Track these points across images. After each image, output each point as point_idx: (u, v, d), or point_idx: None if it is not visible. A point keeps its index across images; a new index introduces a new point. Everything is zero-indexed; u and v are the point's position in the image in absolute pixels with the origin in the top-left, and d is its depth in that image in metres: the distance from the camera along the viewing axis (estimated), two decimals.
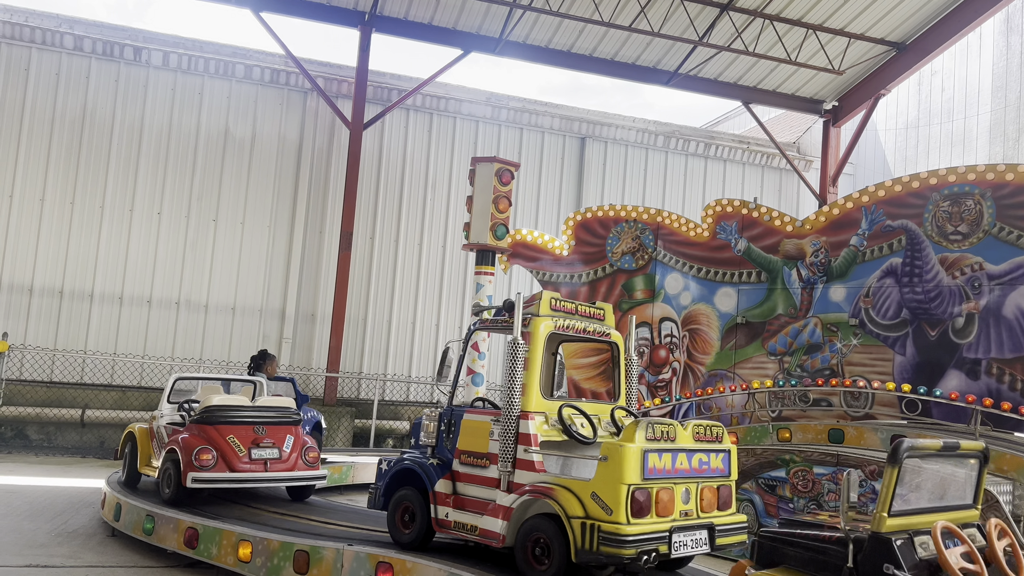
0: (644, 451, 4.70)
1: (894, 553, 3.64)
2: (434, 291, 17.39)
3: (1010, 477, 6.85)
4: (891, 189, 10.11)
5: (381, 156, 17.16)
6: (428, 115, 17.63)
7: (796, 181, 20.02)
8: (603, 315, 6.34)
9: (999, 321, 9.05)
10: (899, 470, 3.68)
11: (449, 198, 17.57)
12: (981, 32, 17.30)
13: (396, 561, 5.33)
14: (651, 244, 12.38)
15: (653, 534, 4.64)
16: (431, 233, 17.45)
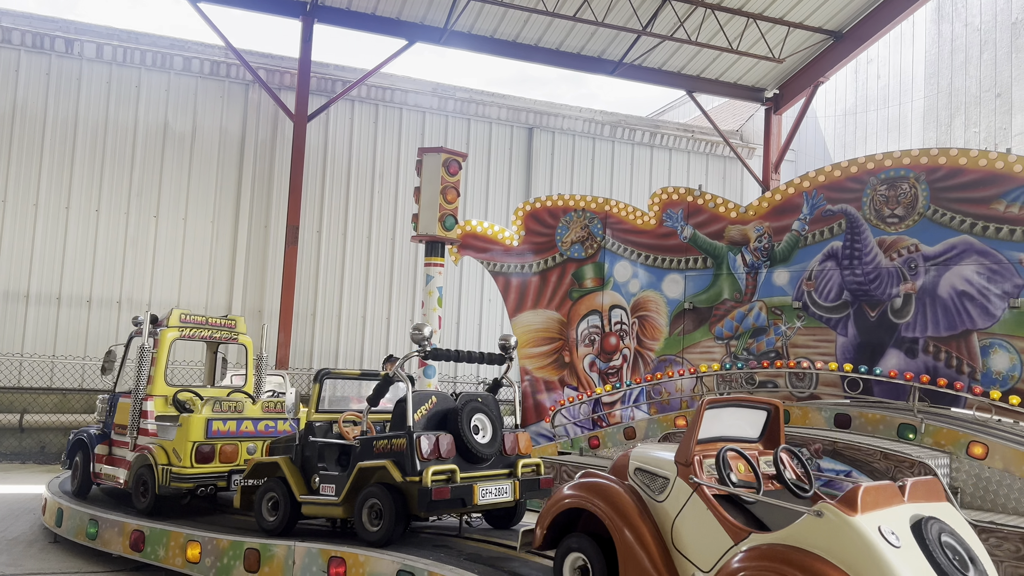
0: (208, 420, 7.03)
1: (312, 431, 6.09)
2: (384, 284, 17.26)
3: (947, 451, 7.09)
4: (830, 174, 10.35)
5: (326, 148, 16.94)
6: (374, 106, 17.44)
7: (740, 168, 20.37)
8: (235, 324, 8.39)
9: (935, 301, 9.35)
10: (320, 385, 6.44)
11: (397, 190, 17.44)
12: (914, 21, 17.79)
13: (348, 555, 5.29)
14: (600, 233, 12.48)
15: (211, 474, 6.91)
16: (379, 225, 17.29)
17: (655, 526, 4.09)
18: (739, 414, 4.68)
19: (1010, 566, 6.03)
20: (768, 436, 4.78)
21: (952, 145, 16.20)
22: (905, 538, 3.44)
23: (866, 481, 4.22)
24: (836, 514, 3.45)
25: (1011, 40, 15.75)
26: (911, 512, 3.59)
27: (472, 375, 17.67)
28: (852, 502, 3.45)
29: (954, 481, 6.99)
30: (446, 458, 5.46)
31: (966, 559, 3.51)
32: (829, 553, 3.41)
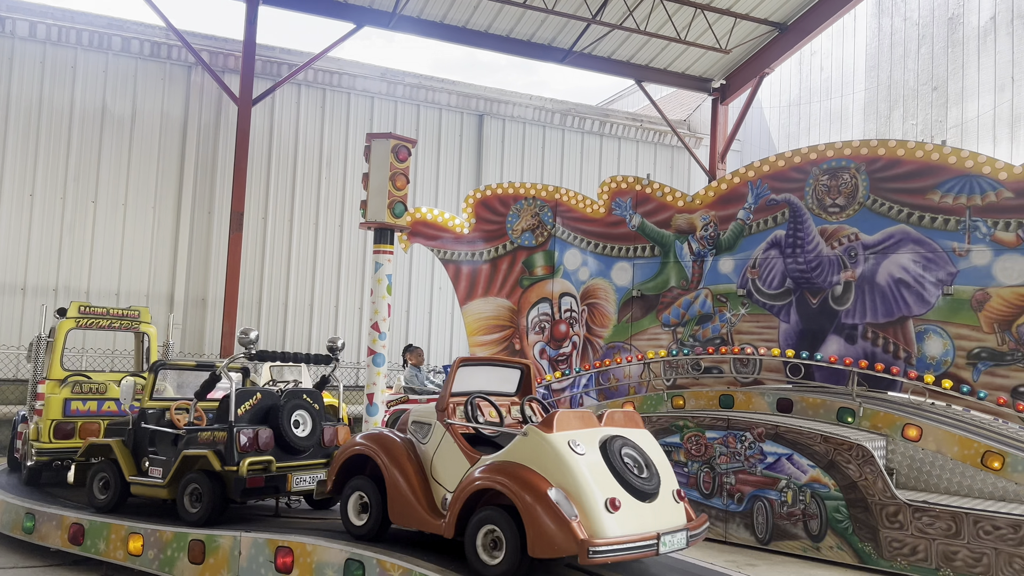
0: (66, 400, 7.71)
1: None
2: (332, 272, 17.05)
3: (884, 433, 7.33)
4: (775, 164, 10.55)
5: (272, 133, 16.62)
6: (321, 91, 17.17)
7: (687, 157, 20.63)
8: (137, 314, 9.05)
9: (873, 288, 9.63)
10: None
11: (345, 176, 17.21)
12: (855, 15, 18.19)
13: (296, 545, 5.24)
14: (550, 221, 12.52)
15: (67, 449, 7.52)
16: (327, 212, 17.06)
17: (419, 463, 5.08)
18: (496, 372, 5.74)
19: (942, 543, 6.28)
20: (523, 390, 5.79)
21: (891, 137, 16.67)
22: (591, 449, 4.51)
23: None
24: (537, 433, 4.56)
25: (947, 35, 16.24)
26: (603, 433, 4.66)
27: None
28: (549, 424, 4.58)
29: (890, 462, 7.23)
30: (264, 449, 5.99)
31: (643, 464, 4.61)
32: (531, 462, 4.48)
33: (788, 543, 7.02)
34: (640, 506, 4.40)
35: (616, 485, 4.38)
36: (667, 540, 4.36)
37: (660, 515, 4.46)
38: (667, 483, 4.65)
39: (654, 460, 4.70)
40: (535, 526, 4.22)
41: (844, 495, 6.75)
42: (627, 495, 4.37)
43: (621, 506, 4.29)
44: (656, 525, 4.37)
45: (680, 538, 4.45)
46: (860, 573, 6.50)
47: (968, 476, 6.86)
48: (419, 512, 4.88)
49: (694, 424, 7.77)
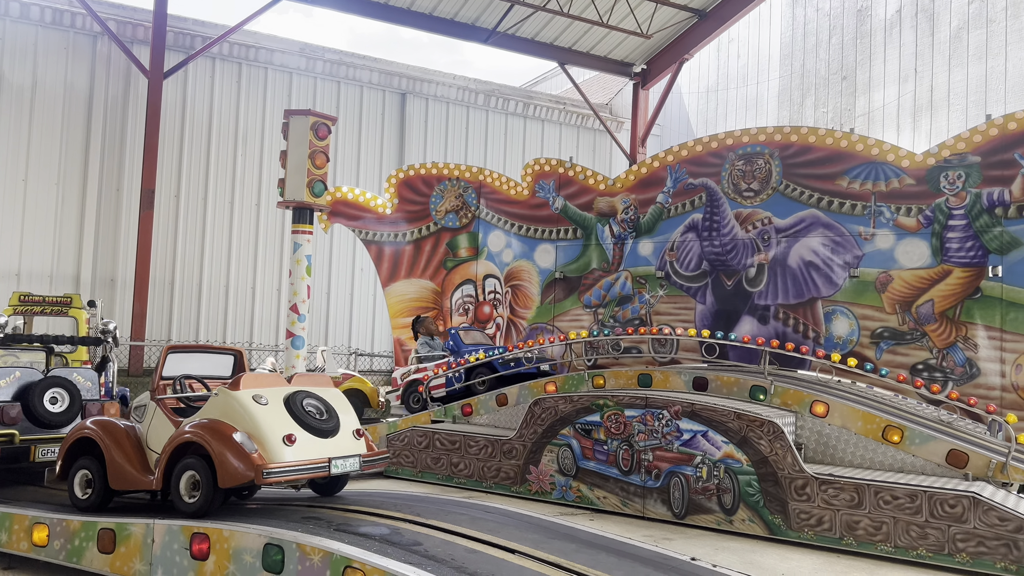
0: None
1: None
2: (248, 252, 16.60)
3: (793, 410, 7.62)
4: (693, 149, 10.78)
5: (185, 108, 16.01)
6: (237, 65, 16.61)
7: (609, 141, 20.87)
8: (70, 301, 9.69)
9: (785, 270, 9.98)
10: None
11: (262, 153, 16.74)
12: (771, 3, 18.68)
13: (212, 531, 5.11)
14: (474, 202, 12.49)
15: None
16: (243, 190, 16.57)
17: (136, 440, 5.98)
18: (209, 358, 6.75)
19: (845, 514, 6.60)
20: (238, 371, 6.70)
21: (803, 124, 17.24)
22: (274, 401, 5.62)
23: None
24: (225, 392, 5.61)
25: (856, 26, 16.86)
26: (289, 390, 5.81)
27: (344, 344, 17.38)
28: (236, 384, 5.65)
29: (799, 438, 7.53)
30: (10, 423, 6.71)
31: (323, 411, 5.78)
32: (222, 415, 5.50)
33: (703, 517, 7.26)
34: (317, 441, 5.60)
35: (295, 426, 5.54)
36: (339, 463, 5.62)
37: (337, 447, 5.69)
38: (348, 425, 5.89)
39: (336, 408, 5.94)
40: (223, 463, 5.25)
41: (756, 470, 7.01)
42: (305, 433, 5.55)
43: (297, 440, 5.46)
44: (330, 453, 5.59)
45: (353, 462, 5.74)
46: (770, 544, 6.78)
47: (870, 449, 7.21)
48: (134, 475, 5.77)
49: (614, 403, 7.92)
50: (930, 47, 15.41)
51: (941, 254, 9.02)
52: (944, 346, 8.95)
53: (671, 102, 19.98)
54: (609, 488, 7.87)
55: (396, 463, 9.39)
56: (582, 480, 8.05)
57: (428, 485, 8.96)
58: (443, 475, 9.03)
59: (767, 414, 7.13)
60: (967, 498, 6.11)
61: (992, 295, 8.70)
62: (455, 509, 5.91)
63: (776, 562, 6.22)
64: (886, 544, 6.41)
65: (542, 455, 8.33)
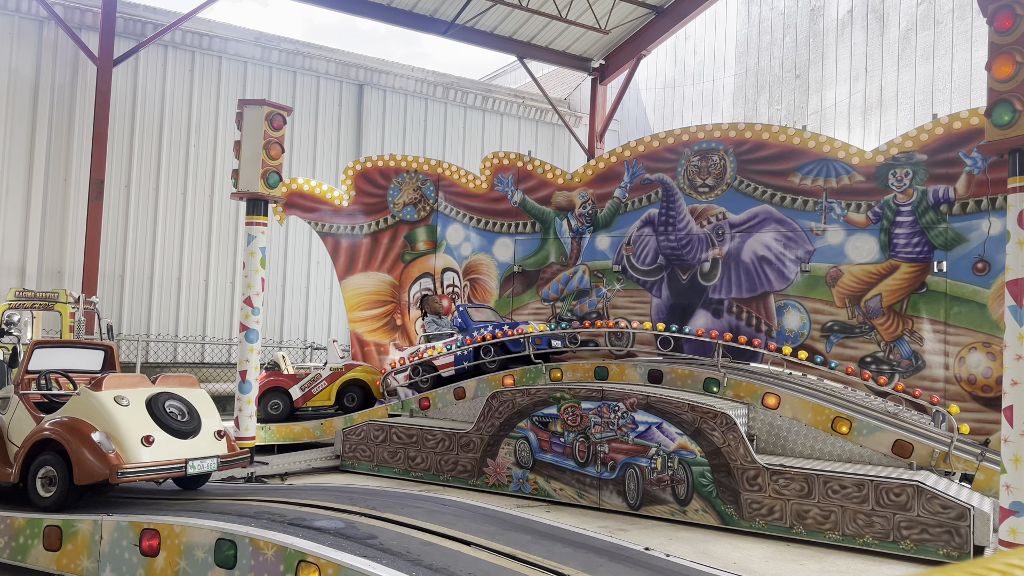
0: None
1: None
2: (201, 244, 16.30)
3: (745, 402, 7.75)
4: (649, 145, 10.88)
5: (136, 96, 15.64)
6: (190, 53, 16.28)
7: (567, 135, 20.95)
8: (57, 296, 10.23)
9: (738, 265, 10.13)
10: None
11: (216, 144, 16.44)
12: (727, 1, 18.92)
13: (163, 526, 5.03)
14: (432, 195, 12.44)
15: None
16: (196, 181, 16.26)
17: None
18: (79, 353, 7.01)
19: (795, 503, 6.74)
20: (108, 367, 6.99)
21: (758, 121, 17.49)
22: (136, 402, 5.83)
23: None
24: (87, 392, 5.79)
25: (810, 25, 17.15)
26: (152, 391, 6.01)
27: (299, 338, 17.19)
28: (98, 384, 5.82)
29: (751, 429, 7.67)
30: None
31: (185, 412, 6.02)
32: (82, 415, 5.67)
33: (657, 508, 7.35)
34: (176, 441, 5.83)
35: (154, 427, 5.77)
36: (196, 464, 5.85)
37: (196, 448, 5.92)
38: (209, 426, 6.13)
39: (199, 410, 6.17)
40: (80, 461, 5.45)
41: (709, 461, 7.12)
42: (164, 434, 5.79)
43: (155, 441, 5.68)
44: (188, 454, 5.84)
45: (211, 463, 5.99)
46: (723, 534, 6.90)
47: (820, 440, 7.38)
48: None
49: (570, 395, 7.97)
50: (880, 47, 15.76)
51: (889, 250, 9.25)
52: (891, 339, 9.18)
53: (629, 97, 20.12)
54: (565, 480, 7.93)
55: (352, 457, 9.33)
56: (539, 472, 8.09)
57: (385, 479, 8.92)
58: (400, 469, 9.00)
59: (720, 406, 7.24)
60: (911, 487, 6.29)
61: (937, 290, 8.96)
62: (411, 502, 5.90)
63: (728, 551, 6.33)
64: (834, 532, 6.56)
65: (499, 448, 8.35)
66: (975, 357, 8.70)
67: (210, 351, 16.14)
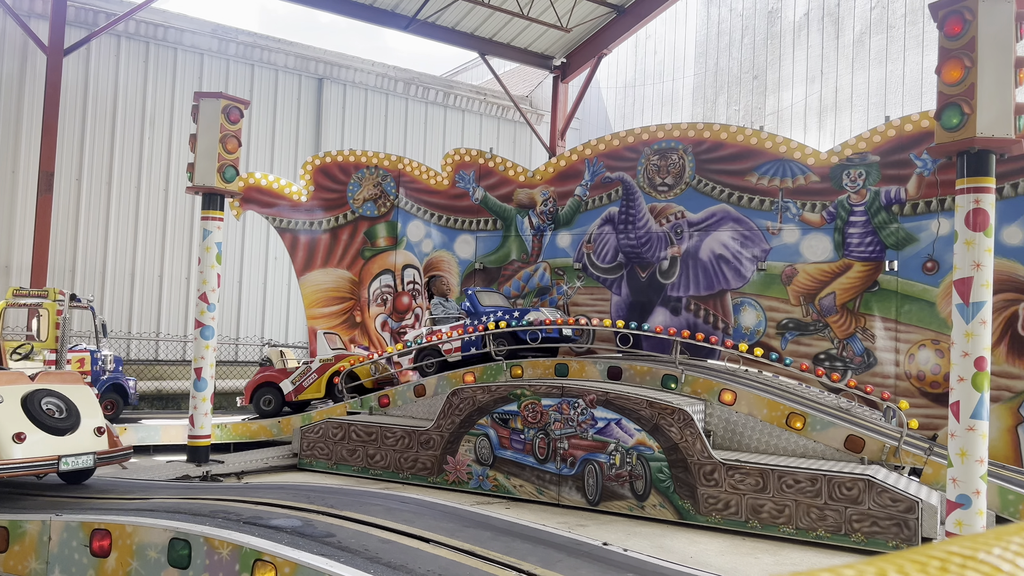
0: None
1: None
2: (156, 238, 15.98)
3: (703, 398, 7.85)
4: (610, 143, 10.95)
5: (88, 87, 15.26)
6: (144, 44, 15.93)
7: (529, 133, 20.97)
8: (48, 294, 10.29)
9: (696, 263, 10.25)
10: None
11: (171, 137, 16.12)
12: (687, 2, 19.11)
13: (114, 527, 4.92)
14: (393, 191, 12.36)
15: None
16: (151, 174, 15.92)
17: None
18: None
19: (751, 497, 6.85)
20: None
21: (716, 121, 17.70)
22: (11, 399, 5.91)
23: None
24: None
25: (767, 28, 17.41)
26: (29, 388, 6.08)
27: (256, 335, 16.96)
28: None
29: (708, 425, 7.77)
30: None
31: (63, 409, 6.12)
32: None
33: (616, 503, 7.41)
34: (51, 438, 5.94)
35: (28, 424, 5.85)
36: (69, 461, 5.95)
37: (71, 445, 6.03)
38: (88, 423, 6.26)
39: (79, 407, 6.28)
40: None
41: (667, 456, 7.20)
42: (38, 431, 5.89)
43: (27, 438, 5.78)
44: (61, 451, 5.93)
45: (87, 459, 6.11)
46: (680, 529, 6.98)
47: (775, 436, 7.50)
48: None
49: (531, 392, 7.99)
50: (835, 50, 16.06)
51: (843, 249, 9.44)
52: (844, 337, 9.37)
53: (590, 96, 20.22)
54: (525, 476, 7.95)
55: (310, 455, 9.23)
56: (499, 469, 8.10)
57: (343, 477, 8.85)
58: (359, 467, 8.93)
59: (678, 402, 7.32)
60: (863, 481, 6.43)
61: (888, 288, 9.16)
62: (370, 500, 5.86)
63: (685, 545, 6.41)
64: (788, 526, 6.68)
65: (459, 445, 8.34)
66: (924, 354, 8.92)
67: (164, 348, 15.84)
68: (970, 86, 5.55)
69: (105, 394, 10.55)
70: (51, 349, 10.04)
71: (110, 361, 10.82)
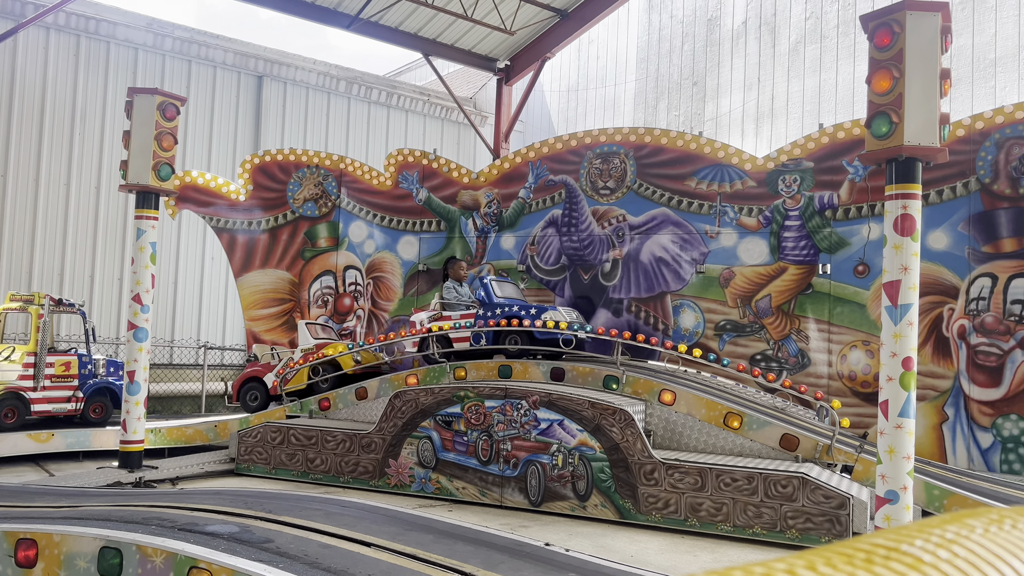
0: None
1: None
2: (87, 238, 15.47)
3: (643, 398, 7.96)
4: (553, 146, 11.02)
5: (14, 80, 14.69)
6: (75, 37, 15.41)
7: (473, 135, 20.97)
8: (33, 299, 10.33)
9: (637, 266, 10.39)
10: None
11: (103, 133, 15.63)
12: (629, 8, 19.36)
13: (41, 535, 4.74)
14: (335, 191, 12.21)
15: None
16: (81, 172, 15.41)
17: None
18: None
19: (689, 496, 6.97)
20: None
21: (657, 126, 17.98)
22: None
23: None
24: None
25: (707, 35, 17.76)
26: None
27: (192, 337, 16.55)
28: None
29: (648, 425, 7.88)
30: None
31: None
32: None
33: (558, 504, 7.46)
34: None
35: None
36: None
37: None
38: None
39: None
40: None
41: (608, 456, 7.28)
42: None
43: None
44: None
45: None
46: (621, 528, 7.06)
47: (713, 435, 7.65)
48: None
49: (474, 394, 7.99)
50: (772, 58, 16.48)
51: (778, 252, 9.68)
52: (780, 338, 9.62)
53: (534, 99, 20.32)
54: (468, 479, 7.93)
55: (248, 460, 9.05)
56: (441, 472, 8.07)
57: (282, 482, 8.70)
58: (298, 471, 8.79)
59: (619, 402, 7.40)
60: (797, 478, 6.61)
61: (822, 291, 9.44)
62: (309, 505, 5.77)
63: (626, 544, 6.48)
64: (726, 524, 6.82)
65: (402, 448, 8.28)
66: (855, 355, 9.21)
67: (95, 350, 15.33)
68: (898, 96, 5.76)
69: (92, 397, 10.61)
70: (30, 352, 10.08)
71: (101, 365, 10.84)
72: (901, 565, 0.60)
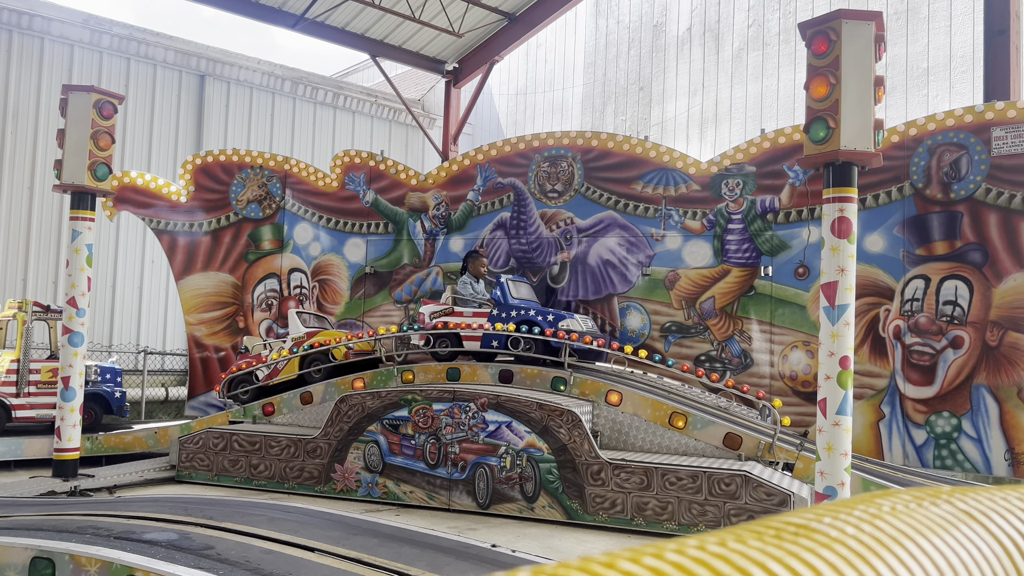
0: None
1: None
2: (19, 240, 14.94)
3: (591, 399, 8.02)
4: (502, 149, 11.04)
5: None
6: (7, 32, 14.89)
7: (421, 137, 20.87)
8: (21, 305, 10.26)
9: (585, 268, 10.47)
10: None
11: (37, 131, 15.13)
12: (576, 12, 19.52)
13: None
14: (279, 193, 12.03)
15: None
16: (13, 171, 14.88)
17: None
18: None
19: (635, 496, 7.04)
20: None
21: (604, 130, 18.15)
22: None
23: None
24: None
25: (653, 40, 18.01)
26: None
27: (131, 342, 16.12)
28: None
29: (596, 425, 7.94)
30: None
31: None
32: None
33: (506, 505, 7.46)
34: None
35: None
36: None
37: None
38: None
39: None
40: None
41: (556, 457, 7.31)
42: None
43: None
44: None
45: None
46: (568, 529, 7.10)
47: (659, 435, 7.75)
48: None
49: (422, 397, 7.94)
50: (716, 65, 16.79)
51: (721, 255, 9.86)
52: (723, 339, 9.79)
53: (482, 102, 20.33)
54: (416, 482, 7.89)
55: (190, 467, 8.85)
56: (388, 476, 8.00)
57: (225, 489, 8.52)
58: (242, 477, 8.63)
59: (566, 404, 7.45)
60: (740, 476, 6.73)
61: (764, 293, 9.64)
62: (252, 511, 5.67)
63: (573, 545, 6.52)
64: (671, 522, 6.91)
65: (348, 453, 8.18)
66: (796, 355, 9.43)
67: None
68: (835, 102, 5.92)
69: None
70: (14, 359, 10.15)
71: (94, 372, 10.70)
72: (810, 541, 0.61)
